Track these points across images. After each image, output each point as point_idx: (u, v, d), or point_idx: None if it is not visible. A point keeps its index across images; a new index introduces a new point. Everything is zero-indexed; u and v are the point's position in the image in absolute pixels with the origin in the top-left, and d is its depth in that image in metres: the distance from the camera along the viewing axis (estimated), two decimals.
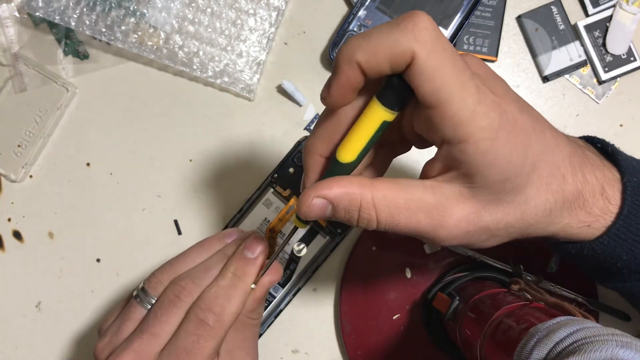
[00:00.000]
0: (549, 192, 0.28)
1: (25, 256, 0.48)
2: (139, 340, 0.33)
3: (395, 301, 0.45)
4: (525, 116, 0.27)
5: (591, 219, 0.30)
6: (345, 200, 0.27)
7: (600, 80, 0.48)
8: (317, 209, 0.27)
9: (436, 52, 0.24)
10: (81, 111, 0.49)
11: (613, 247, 0.31)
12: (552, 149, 0.28)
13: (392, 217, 0.27)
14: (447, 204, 0.27)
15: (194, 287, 0.34)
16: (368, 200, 0.27)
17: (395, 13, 0.46)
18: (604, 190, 0.30)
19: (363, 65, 0.25)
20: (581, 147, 0.31)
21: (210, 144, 0.48)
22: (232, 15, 0.47)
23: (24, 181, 0.49)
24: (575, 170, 0.29)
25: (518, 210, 0.28)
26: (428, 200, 0.27)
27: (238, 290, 0.33)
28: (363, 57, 0.25)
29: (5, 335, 0.48)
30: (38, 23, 0.48)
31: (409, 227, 0.27)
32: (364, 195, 0.27)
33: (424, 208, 0.27)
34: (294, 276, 0.45)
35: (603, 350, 0.24)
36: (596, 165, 0.31)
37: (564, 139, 0.30)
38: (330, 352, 0.47)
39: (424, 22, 0.24)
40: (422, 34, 0.24)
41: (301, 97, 0.47)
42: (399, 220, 0.27)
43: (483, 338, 0.34)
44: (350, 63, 0.25)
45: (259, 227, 0.46)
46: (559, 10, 0.47)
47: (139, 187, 0.48)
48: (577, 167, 0.29)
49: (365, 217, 0.27)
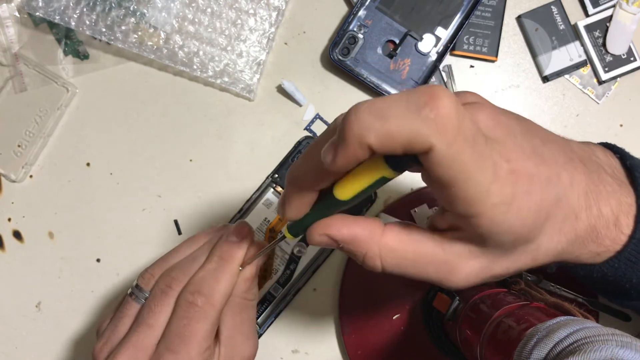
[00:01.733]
0: (562, 234, 0.28)
1: (25, 256, 0.48)
2: (136, 334, 0.33)
3: (395, 301, 0.45)
4: (542, 167, 0.26)
5: (602, 249, 0.30)
6: (352, 245, 0.27)
7: (600, 80, 0.48)
8: (323, 244, 0.28)
9: (457, 143, 0.22)
10: (81, 111, 0.49)
11: (623, 271, 0.30)
12: (567, 193, 0.27)
13: (399, 268, 0.27)
14: (457, 261, 0.27)
15: (184, 276, 0.34)
16: (375, 251, 0.27)
17: (395, 13, 0.46)
18: (618, 221, 0.29)
19: (374, 147, 0.22)
20: (598, 169, 0.30)
21: (210, 144, 0.48)
22: (232, 15, 0.47)
23: (24, 181, 0.49)
24: (590, 205, 0.28)
25: (529, 257, 0.28)
26: (438, 257, 0.27)
27: (225, 271, 0.33)
28: (376, 142, 0.22)
29: (5, 335, 0.48)
30: (38, 23, 0.48)
31: (415, 277, 0.27)
32: (371, 247, 0.27)
33: (433, 263, 0.27)
34: (294, 276, 0.45)
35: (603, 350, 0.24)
36: (612, 191, 0.29)
37: (580, 171, 0.28)
38: (330, 352, 0.47)
39: (446, 108, 0.21)
40: (443, 125, 0.21)
41: (301, 97, 0.47)
42: (406, 271, 0.27)
43: (483, 338, 0.33)
44: (361, 145, 0.22)
45: (259, 227, 0.46)
46: (559, 10, 0.47)
47: (139, 187, 0.48)
48: (592, 200, 0.28)
49: (370, 264, 0.27)
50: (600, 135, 0.48)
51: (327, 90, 0.48)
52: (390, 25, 0.46)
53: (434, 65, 0.46)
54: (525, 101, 0.48)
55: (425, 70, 0.46)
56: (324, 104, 0.48)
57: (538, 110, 0.48)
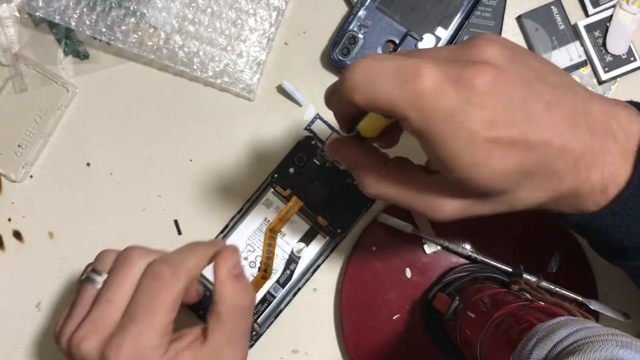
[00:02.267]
0: (542, 191, 0.29)
1: (25, 256, 0.48)
2: (97, 311, 0.32)
3: (395, 301, 0.45)
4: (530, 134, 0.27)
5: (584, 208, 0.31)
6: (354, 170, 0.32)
7: (600, 80, 0.48)
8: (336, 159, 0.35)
9: (430, 117, 0.25)
10: (81, 111, 0.49)
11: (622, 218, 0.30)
12: (554, 157, 0.28)
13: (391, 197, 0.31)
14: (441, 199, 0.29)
15: (146, 251, 0.34)
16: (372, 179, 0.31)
17: (395, 13, 0.46)
18: (606, 188, 0.29)
19: (360, 106, 0.26)
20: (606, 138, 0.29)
21: (210, 144, 0.48)
22: (232, 15, 0.47)
23: (24, 181, 0.49)
24: (578, 171, 0.29)
25: (506, 205, 0.29)
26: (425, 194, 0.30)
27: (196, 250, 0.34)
28: (361, 102, 0.26)
29: (5, 335, 0.48)
30: (38, 23, 0.48)
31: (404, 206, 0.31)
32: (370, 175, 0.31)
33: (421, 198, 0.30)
34: (294, 276, 0.45)
35: (603, 350, 0.24)
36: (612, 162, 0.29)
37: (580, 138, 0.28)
38: (330, 352, 0.47)
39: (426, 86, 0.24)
40: (419, 101, 0.24)
41: (301, 97, 0.47)
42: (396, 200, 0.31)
43: (483, 338, 0.34)
44: (349, 100, 0.26)
45: (259, 227, 0.46)
46: (559, 10, 0.47)
47: (139, 187, 0.48)
48: (582, 167, 0.29)
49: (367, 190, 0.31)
50: None
51: None
52: (390, 25, 0.46)
53: None
54: None
55: None
56: (324, 104, 0.48)
57: None
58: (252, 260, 0.46)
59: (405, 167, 0.31)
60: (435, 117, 0.25)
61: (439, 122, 0.25)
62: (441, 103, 0.25)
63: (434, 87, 0.24)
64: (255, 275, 0.45)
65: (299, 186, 0.46)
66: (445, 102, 0.25)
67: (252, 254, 0.46)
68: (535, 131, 0.27)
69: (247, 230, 0.46)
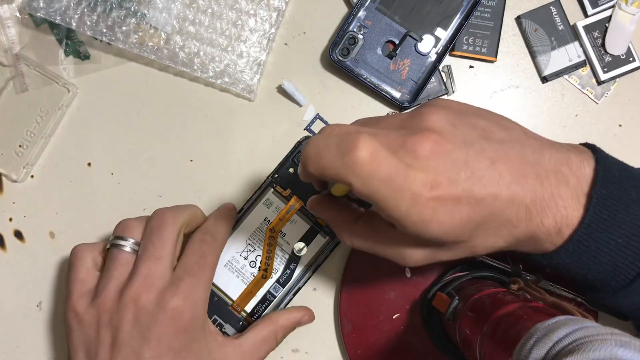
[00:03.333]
0: (498, 237, 0.31)
1: (26, 256, 0.49)
2: (145, 268, 0.37)
3: (395, 301, 0.45)
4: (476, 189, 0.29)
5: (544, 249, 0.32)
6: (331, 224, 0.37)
7: (599, 80, 0.48)
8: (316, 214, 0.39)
9: (370, 183, 0.28)
10: (82, 111, 0.49)
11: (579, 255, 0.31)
12: (504, 208, 0.30)
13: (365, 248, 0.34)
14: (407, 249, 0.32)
15: (175, 211, 0.41)
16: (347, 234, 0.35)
17: (395, 14, 0.46)
18: (560, 230, 0.31)
19: (315, 176, 0.30)
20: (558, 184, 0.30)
21: (211, 144, 0.48)
22: (233, 16, 0.47)
23: (25, 181, 0.49)
24: (530, 217, 0.30)
25: (467, 250, 0.32)
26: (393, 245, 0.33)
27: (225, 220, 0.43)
28: (315, 172, 0.29)
29: (6, 335, 0.48)
30: (39, 23, 0.48)
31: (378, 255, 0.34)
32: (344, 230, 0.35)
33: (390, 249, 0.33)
34: (294, 276, 0.46)
35: (602, 350, 0.24)
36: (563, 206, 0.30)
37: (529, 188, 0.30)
38: (330, 352, 0.47)
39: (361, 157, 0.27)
40: (357, 170, 0.27)
41: (301, 98, 0.48)
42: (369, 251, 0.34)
43: (482, 337, 0.34)
44: (307, 171, 0.30)
45: (259, 227, 0.46)
46: (558, 10, 0.47)
47: (139, 187, 0.48)
48: (535, 214, 0.30)
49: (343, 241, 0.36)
50: (599, 136, 0.48)
51: (327, 91, 0.48)
52: (390, 25, 0.46)
53: (433, 65, 0.46)
54: (524, 101, 0.48)
55: (424, 71, 0.46)
56: (324, 104, 0.48)
57: (537, 111, 0.48)
58: (252, 260, 0.46)
59: (372, 223, 0.34)
60: (374, 182, 0.27)
61: (379, 186, 0.27)
62: (377, 170, 0.27)
63: (368, 157, 0.27)
64: (256, 275, 0.45)
65: (299, 186, 0.46)
66: (381, 169, 0.27)
67: (253, 253, 0.46)
68: (481, 187, 0.29)
69: (247, 230, 0.46)
